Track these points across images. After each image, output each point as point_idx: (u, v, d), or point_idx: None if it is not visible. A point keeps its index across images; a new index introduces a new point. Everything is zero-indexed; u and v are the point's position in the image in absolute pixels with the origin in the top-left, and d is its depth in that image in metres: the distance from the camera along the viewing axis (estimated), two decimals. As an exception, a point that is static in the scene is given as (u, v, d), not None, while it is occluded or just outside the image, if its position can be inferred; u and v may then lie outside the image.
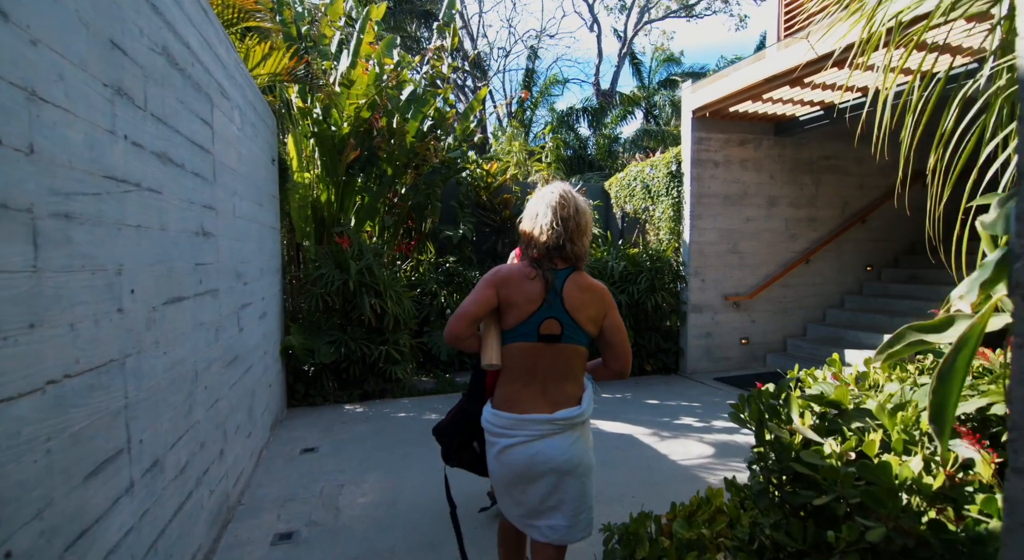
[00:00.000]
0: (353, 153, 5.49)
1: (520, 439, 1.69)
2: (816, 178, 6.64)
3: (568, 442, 1.70)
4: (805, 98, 5.50)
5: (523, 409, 1.70)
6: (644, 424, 4.50)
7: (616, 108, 19.20)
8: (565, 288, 1.70)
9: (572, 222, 1.73)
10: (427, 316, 6.35)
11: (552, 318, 1.68)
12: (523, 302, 1.69)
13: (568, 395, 1.73)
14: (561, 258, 1.74)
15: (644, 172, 6.98)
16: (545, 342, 1.69)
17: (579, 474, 1.72)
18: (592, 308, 1.72)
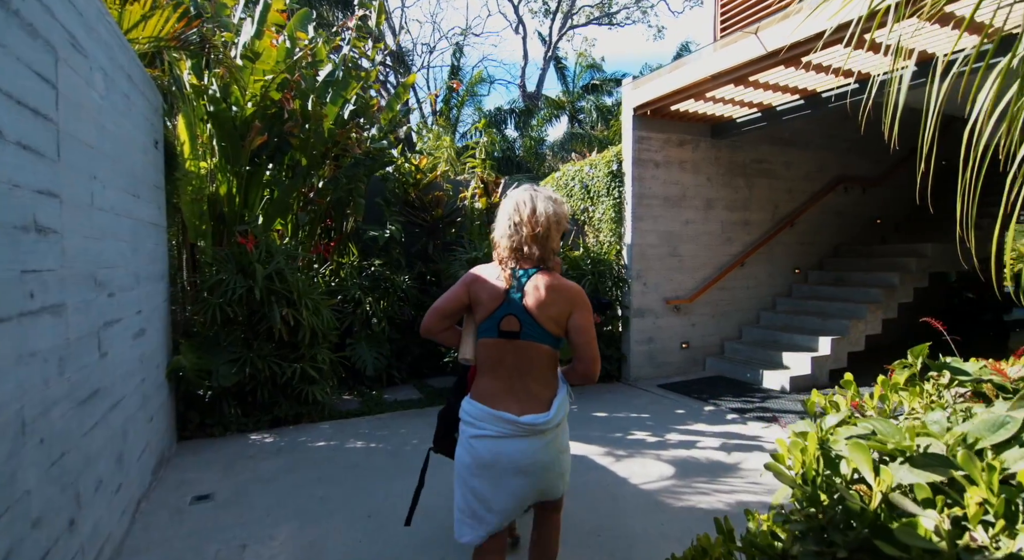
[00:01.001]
0: (259, 138, 4.71)
1: (488, 433, 1.72)
2: (749, 181, 6.66)
3: (536, 446, 1.72)
4: (746, 99, 5.42)
5: (494, 404, 1.73)
6: (597, 442, 4.13)
7: (542, 111, 19.15)
8: (526, 287, 1.74)
9: (527, 226, 1.76)
10: (350, 326, 5.65)
11: (511, 315, 1.73)
12: (487, 299, 1.76)
13: (535, 395, 1.74)
14: (525, 259, 1.78)
15: (583, 172, 6.69)
16: (506, 338, 1.73)
17: (545, 477, 1.76)
18: (553, 308, 1.72)
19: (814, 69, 4.57)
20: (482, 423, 1.73)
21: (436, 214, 6.55)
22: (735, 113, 5.89)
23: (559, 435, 1.79)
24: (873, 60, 4.38)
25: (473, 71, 20.95)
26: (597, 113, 18.52)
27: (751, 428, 4.42)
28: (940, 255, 6.51)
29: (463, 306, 1.82)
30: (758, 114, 5.74)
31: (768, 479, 3.41)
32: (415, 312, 6.17)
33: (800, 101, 5.29)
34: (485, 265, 1.86)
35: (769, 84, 4.94)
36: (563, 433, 1.82)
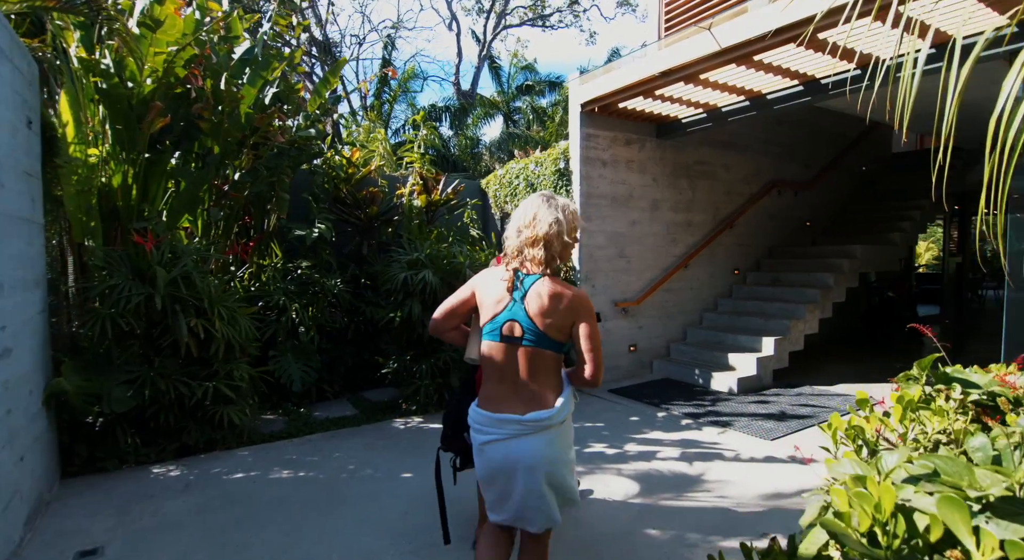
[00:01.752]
0: (160, 120, 4.05)
1: (496, 437, 1.76)
2: (692, 183, 6.65)
3: (542, 443, 1.74)
4: (693, 98, 5.34)
5: (498, 408, 1.77)
6: (553, 458, 3.84)
7: (476, 110, 18.84)
8: (529, 293, 1.74)
9: (533, 229, 1.76)
10: (273, 337, 5.05)
11: (513, 320, 1.74)
12: (491, 303, 1.78)
13: (538, 396, 1.75)
14: (531, 264, 1.77)
15: (528, 169, 6.41)
16: (508, 343, 1.75)
17: (549, 473, 1.76)
18: (555, 315, 1.72)
19: (763, 69, 4.53)
20: (489, 428, 1.78)
21: (371, 212, 6.04)
22: (681, 113, 5.83)
23: (566, 431, 1.82)
24: (820, 61, 4.39)
25: (406, 66, 20.30)
26: (533, 114, 18.44)
27: (707, 434, 4.29)
28: (868, 256, 6.80)
29: (470, 307, 1.87)
30: (704, 114, 5.70)
31: (733, 492, 3.26)
32: (348, 319, 5.64)
33: (746, 102, 5.27)
34: (493, 268, 1.89)
35: (718, 83, 4.87)
36: (568, 430, 1.84)
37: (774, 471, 3.57)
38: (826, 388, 5.57)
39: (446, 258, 5.12)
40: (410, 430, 4.52)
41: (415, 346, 5.07)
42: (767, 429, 4.33)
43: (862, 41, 4.02)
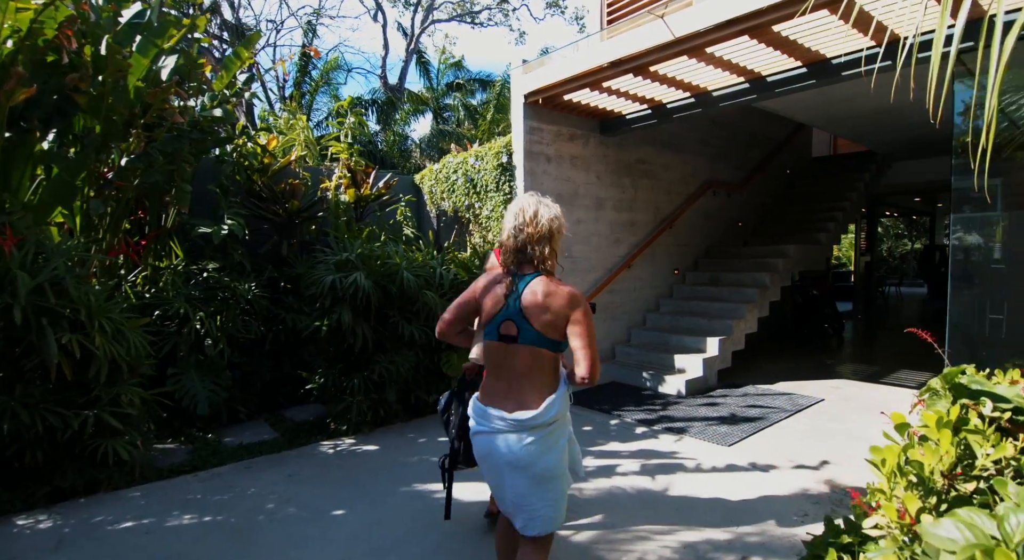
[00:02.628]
0: (23, 91, 3.28)
1: (483, 428, 1.83)
2: (634, 182, 6.52)
3: (522, 442, 1.77)
4: (640, 92, 5.16)
5: (493, 403, 1.82)
6: (506, 479, 3.48)
7: (405, 105, 18.17)
8: (524, 293, 1.78)
9: (529, 227, 1.81)
10: (173, 351, 4.33)
11: (509, 320, 1.79)
12: (490, 304, 1.83)
13: (531, 395, 1.79)
14: (526, 263, 1.83)
15: (468, 164, 6.00)
16: (505, 342, 1.80)
17: (530, 474, 1.79)
18: (549, 314, 1.76)
19: (714, 63, 4.40)
20: (480, 419, 1.84)
21: (291, 207, 5.39)
22: (626, 108, 5.65)
23: (551, 433, 1.81)
24: (769, 57, 4.31)
25: (328, 56, 19.22)
26: (464, 111, 18.03)
27: (664, 443, 4.09)
28: (800, 255, 6.98)
29: (473, 310, 1.91)
30: (648, 111, 5.55)
31: (702, 509, 3.00)
32: (265, 328, 4.98)
33: (691, 99, 5.17)
34: (496, 271, 1.92)
35: (668, 77, 4.70)
36: (556, 432, 1.84)
37: (738, 482, 3.39)
38: (768, 387, 5.59)
39: (380, 259, 4.62)
40: (341, 455, 3.98)
41: (345, 358, 4.52)
42: (722, 434, 4.19)
43: (812, 37, 3.96)
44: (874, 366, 6.54)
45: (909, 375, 6.06)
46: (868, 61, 4.07)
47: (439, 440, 4.23)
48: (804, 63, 4.36)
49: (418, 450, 4.03)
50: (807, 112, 6.45)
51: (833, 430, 4.28)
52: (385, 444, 4.17)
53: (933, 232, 16.03)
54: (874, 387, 5.60)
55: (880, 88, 5.64)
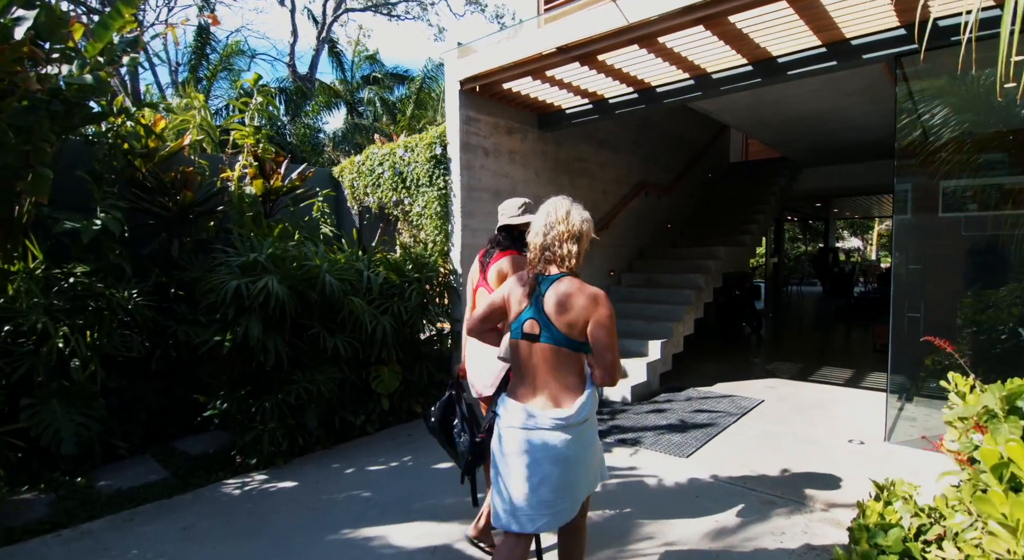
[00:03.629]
0: None
1: (517, 425, 1.82)
2: (572, 180, 6.28)
3: (557, 440, 1.77)
4: (583, 85, 4.89)
5: (523, 399, 1.85)
6: (455, 514, 3.01)
7: (317, 97, 17.04)
8: (547, 292, 1.81)
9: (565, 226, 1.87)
10: (28, 376, 3.44)
11: (532, 318, 1.82)
12: (515, 303, 1.88)
13: (558, 393, 1.80)
14: (553, 262, 1.85)
15: (396, 156, 5.45)
16: (528, 340, 1.83)
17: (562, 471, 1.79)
18: (571, 314, 1.77)
19: (664, 55, 4.21)
20: (513, 415, 1.84)
21: (184, 199, 4.57)
22: (567, 102, 5.37)
23: (583, 432, 1.82)
24: (719, 53, 4.18)
25: (229, 39, 17.60)
26: (382, 106, 17.19)
27: (620, 457, 3.81)
28: (729, 257, 7.08)
29: (501, 309, 1.94)
30: (589, 105, 5.31)
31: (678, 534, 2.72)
32: (151, 343, 4.16)
33: (634, 94, 4.98)
34: (518, 273, 1.96)
35: (615, 68, 4.46)
36: (589, 430, 1.85)
37: (704, 496, 3.17)
38: (708, 389, 5.53)
39: (296, 260, 3.98)
40: (251, 496, 3.32)
41: (254, 378, 3.84)
42: (677, 444, 3.99)
43: (764, 32, 3.86)
44: (798, 364, 6.74)
45: (831, 372, 6.28)
46: (813, 61, 4.04)
47: (370, 470, 3.68)
48: (751, 61, 4.28)
49: (346, 483, 3.46)
50: (737, 115, 6.54)
51: (781, 433, 4.22)
52: (305, 478, 3.55)
53: (827, 236, 17.42)
54: (805, 385, 5.72)
55: (810, 93, 5.81)
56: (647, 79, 4.74)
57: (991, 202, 4.57)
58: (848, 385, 5.72)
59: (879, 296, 11.75)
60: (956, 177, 4.66)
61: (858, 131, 7.26)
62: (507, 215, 2.53)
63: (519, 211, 2.51)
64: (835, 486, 3.28)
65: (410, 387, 4.65)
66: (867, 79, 5.20)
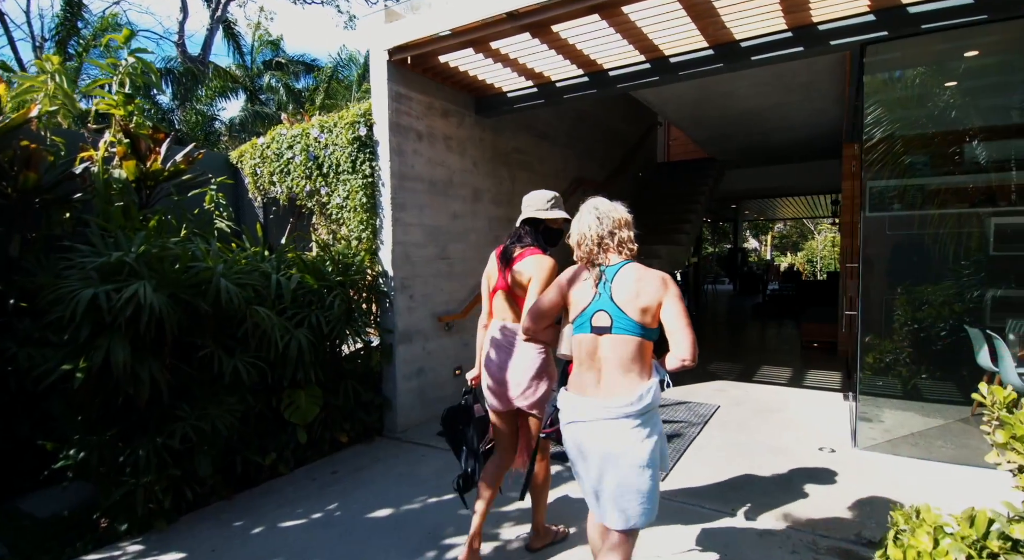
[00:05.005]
0: None
1: (578, 418, 1.79)
2: (512, 173, 5.74)
3: (623, 430, 1.73)
4: (529, 63, 4.36)
5: (587, 393, 1.81)
6: (403, 586, 2.35)
7: (211, 81, 15.35)
8: (614, 282, 1.79)
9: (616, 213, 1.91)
10: None
11: (601, 310, 1.78)
12: (579, 297, 1.86)
13: (625, 385, 1.76)
14: (612, 252, 1.86)
15: (309, 138, 4.62)
16: (598, 333, 1.79)
17: (630, 463, 1.73)
18: (642, 299, 1.75)
19: (623, 32, 3.77)
20: (575, 409, 1.80)
21: (26, 182, 3.50)
22: (509, 84, 4.82)
23: (649, 421, 1.77)
24: (681, 32, 3.81)
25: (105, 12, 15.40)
26: (288, 94, 15.80)
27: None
28: (670, 256, 6.88)
29: (559, 307, 1.94)
30: (534, 89, 4.79)
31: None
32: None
33: (585, 77, 4.52)
34: (570, 268, 1.97)
35: (568, 44, 3.96)
36: (653, 419, 1.80)
37: (703, 530, 2.74)
38: (662, 395, 5.20)
39: (181, 261, 3.10)
40: (116, 582, 2.44)
41: (123, 416, 2.92)
42: (646, 464, 3.56)
43: (732, 8, 3.52)
44: (738, 364, 6.67)
45: (773, 371, 6.23)
46: (779, 46, 3.78)
47: (285, 526, 2.90)
48: (712, 44, 3.96)
49: (255, 549, 2.67)
50: (680, 109, 6.33)
51: (748, 443, 3.93)
52: (197, 546, 2.71)
53: (736, 236, 18.27)
54: (753, 387, 5.58)
55: (757, 87, 5.69)
56: (601, 60, 4.30)
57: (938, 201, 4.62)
58: (793, 385, 5.66)
59: (793, 294, 12.33)
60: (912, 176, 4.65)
61: (788, 131, 7.36)
62: (533, 208, 2.39)
63: (548, 205, 2.39)
64: (832, 509, 2.97)
65: (333, 412, 3.88)
66: (812, 74, 5.13)
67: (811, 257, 33.47)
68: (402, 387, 4.31)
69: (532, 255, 2.32)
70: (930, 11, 3.25)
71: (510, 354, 2.33)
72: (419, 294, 4.46)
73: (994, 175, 4.50)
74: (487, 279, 2.52)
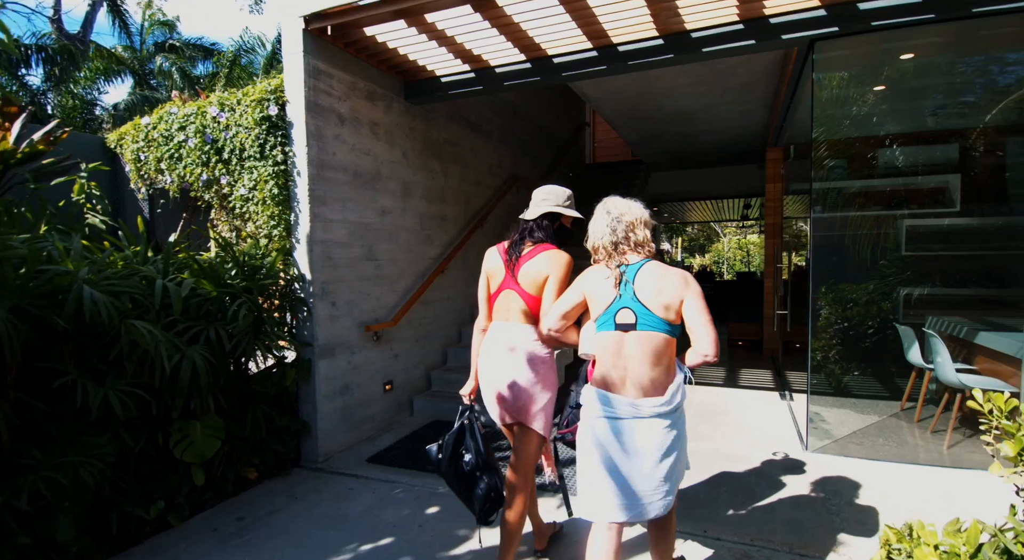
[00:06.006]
0: None
1: (609, 415, 1.80)
2: (444, 167, 5.29)
3: (654, 428, 1.76)
4: (468, 43, 3.95)
5: (614, 390, 1.81)
6: None
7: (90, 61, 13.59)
8: (636, 279, 1.81)
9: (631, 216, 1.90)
10: None
11: (625, 308, 1.79)
12: (601, 296, 1.85)
13: (652, 382, 1.78)
14: (633, 251, 1.87)
15: (207, 117, 3.91)
16: (623, 330, 1.79)
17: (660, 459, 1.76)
18: (664, 296, 1.77)
19: (573, 13, 3.46)
20: (604, 406, 1.81)
21: None
22: (443, 67, 4.37)
23: (677, 419, 1.82)
24: (632, 18, 3.56)
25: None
26: (183, 79, 14.30)
27: (548, 513, 2.95)
28: (607, 257, 6.71)
29: (581, 306, 1.94)
30: (471, 74, 4.38)
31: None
32: None
33: (528, 64, 4.18)
34: (590, 268, 1.96)
35: (512, 23, 3.59)
36: (681, 417, 1.85)
37: None
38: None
39: (29, 262, 2.38)
40: None
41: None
42: (604, 483, 3.26)
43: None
44: (674, 365, 6.62)
45: (708, 371, 6.23)
46: (730, 38, 3.64)
47: (176, 598, 2.28)
48: (663, 33, 3.75)
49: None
50: (618, 106, 6.17)
51: (704, 452, 3.75)
52: (47, 641, 2.04)
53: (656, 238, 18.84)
54: (691, 389, 5.49)
55: (695, 86, 5.62)
56: (546, 45, 3.97)
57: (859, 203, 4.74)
58: (730, 385, 5.65)
59: (712, 293, 12.77)
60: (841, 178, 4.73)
61: (714, 134, 7.46)
62: (552, 202, 2.28)
63: (567, 202, 2.30)
64: (807, 525, 2.81)
65: (238, 445, 3.24)
66: (750, 75, 5.12)
67: (718, 259, 35.59)
68: (324, 408, 3.73)
69: (546, 251, 2.19)
70: (879, 8, 3.21)
71: (520, 359, 2.14)
72: (343, 300, 3.90)
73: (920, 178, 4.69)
74: (487, 278, 2.32)
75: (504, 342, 2.18)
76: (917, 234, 4.92)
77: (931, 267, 4.87)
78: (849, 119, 4.34)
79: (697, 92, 5.57)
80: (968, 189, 4.67)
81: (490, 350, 2.22)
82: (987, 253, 4.74)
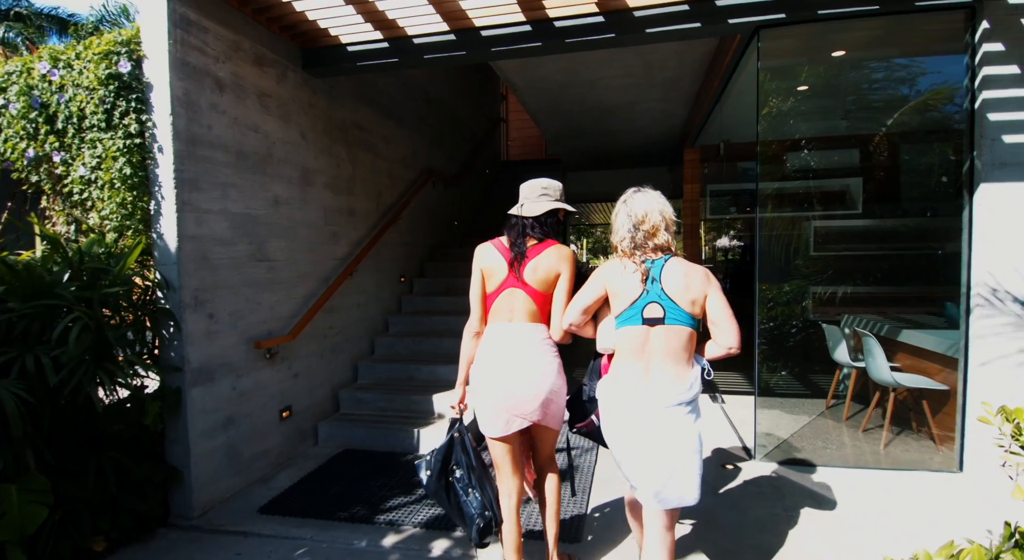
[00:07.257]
0: None
1: (630, 408, 1.82)
2: (352, 153, 4.61)
3: (675, 418, 1.78)
4: (382, 4, 3.35)
5: (632, 383, 1.83)
6: None
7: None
8: (663, 274, 1.83)
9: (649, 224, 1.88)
10: None
11: (654, 302, 1.81)
12: (627, 291, 1.85)
13: (673, 375, 1.80)
14: (657, 248, 1.88)
15: (34, 77, 2.98)
16: (650, 324, 1.81)
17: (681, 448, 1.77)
18: (691, 290, 1.80)
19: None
20: (626, 400, 1.83)
21: None
22: (350, 33, 3.73)
23: (695, 408, 1.83)
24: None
25: None
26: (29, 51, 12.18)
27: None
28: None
29: (600, 301, 1.94)
30: (385, 43, 3.77)
31: None
32: None
33: (451, 35, 3.65)
34: (609, 262, 1.97)
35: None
36: (698, 407, 1.86)
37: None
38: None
39: None
40: None
41: None
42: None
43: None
44: (600, 369, 6.38)
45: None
46: (675, 19, 3.36)
47: None
48: (603, 10, 3.40)
49: None
50: (542, 95, 5.79)
51: (651, 468, 3.44)
52: None
53: (566, 239, 18.99)
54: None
55: (623, 78, 5.37)
56: (473, 13, 3.47)
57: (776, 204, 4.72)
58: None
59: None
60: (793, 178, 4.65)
61: (633, 134, 7.37)
62: (553, 197, 2.20)
63: (559, 195, 2.23)
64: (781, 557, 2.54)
65: (77, 508, 2.41)
66: (679, 69, 4.96)
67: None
68: (200, 449, 2.94)
69: (552, 246, 2.13)
70: (826, -5, 3.07)
71: (538, 360, 2.07)
72: (224, 311, 3.12)
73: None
74: (482, 277, 2.22)
75: (515, 344, 2.08)
76: (824, 235, 5.01)
77: (840, 266, 4.98)
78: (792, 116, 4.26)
79: (624, 85, 5.35)
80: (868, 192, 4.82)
81: (497, 353, 2.08)
82: (887, 253, 4.91)
